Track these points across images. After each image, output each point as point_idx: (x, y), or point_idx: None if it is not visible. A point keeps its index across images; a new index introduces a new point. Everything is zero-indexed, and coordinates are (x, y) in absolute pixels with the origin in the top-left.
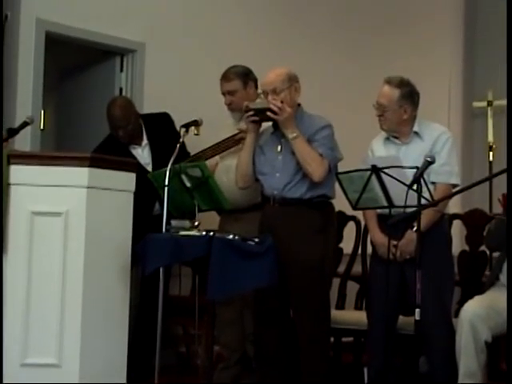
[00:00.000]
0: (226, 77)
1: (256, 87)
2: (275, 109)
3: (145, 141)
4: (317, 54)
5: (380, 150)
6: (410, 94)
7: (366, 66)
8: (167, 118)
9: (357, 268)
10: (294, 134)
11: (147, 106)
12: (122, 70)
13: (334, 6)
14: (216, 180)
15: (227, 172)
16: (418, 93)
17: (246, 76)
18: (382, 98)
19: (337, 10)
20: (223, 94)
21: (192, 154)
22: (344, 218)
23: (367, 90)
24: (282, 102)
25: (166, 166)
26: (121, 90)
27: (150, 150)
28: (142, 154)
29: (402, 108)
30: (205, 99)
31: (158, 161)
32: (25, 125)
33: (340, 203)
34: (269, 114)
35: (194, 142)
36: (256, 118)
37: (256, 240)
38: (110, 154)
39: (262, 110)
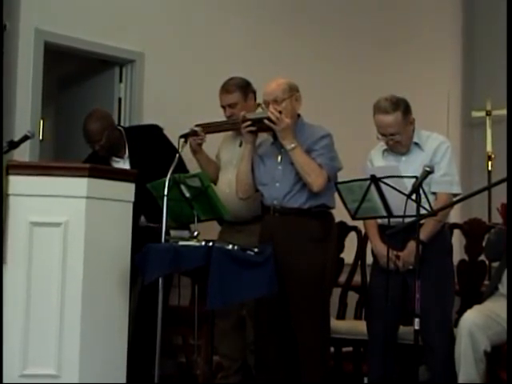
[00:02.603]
0: (226, 89)
1: (255, 99)
2: (273, 118)
3: (126, 153)
4: (316, 66)
5: (379, 160)
6: (407, 109)
7: (366, 78)
8: (154, 129)
9: (358, 278)
10: (293, 145)
11: (146, 117)
12: (121, 81)
13: (334, 19)
14: (218, 192)
15: (229, 185)
16: (405, 99)
17: (247, 88)
18: (390, 128)
19: (337, 23)
20: (223, 106)
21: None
22: (345, 228)
23: (367, 101)
24: (280, 112)
25: (146, 179)
26: (120, 100)
27: (129, 163)
28: (124, 166)
29: (408, 124)
30: (204, 110)
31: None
32: (25, 138)
33: (341, 213)
34: (267, 122)
35: (189, 154)
36: (253, 128)
37: (255, 250)
38: None
39: (259, 119)
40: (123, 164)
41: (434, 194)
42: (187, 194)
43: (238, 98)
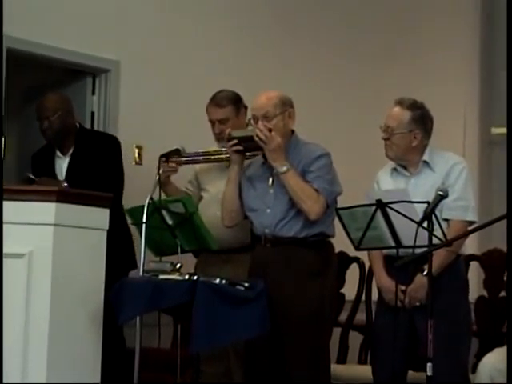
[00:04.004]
0: (216, 103)
1: (246, 115)
2: (262, 137)
3: (70, 151)
4: (313, 77)
5: (387, 182)
6: (422, 118)
7: (373, 93)
8: (111, 140)
9: (361, 316)
10: (284, 168)
11: (122, 133)
12: (93, 93)
13: (342, 32)
14: (207, 214)
15: (216, 219)
16: (432, 119)
17: (239, 102)
18: (391, 119)
19: (345, 37)
20: (211, 121)
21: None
22: (346, 260)
23: (372, 116)
24: (270, 129)
25: (78, 184)
26: (92, 114)
27: (68, 164)
28: (63, 165)
29: (412, 133)
30: (188, 126)
31: (72, 178)
32: None
33: (341, 242)
34: (256, 139)
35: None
36: (240, 148)
37: (246, 285)
38: (39, 165)
39: (246, 138)
40: (63, 162)
41: (446, 220)
42: (170, 222)
43: (230, 113)
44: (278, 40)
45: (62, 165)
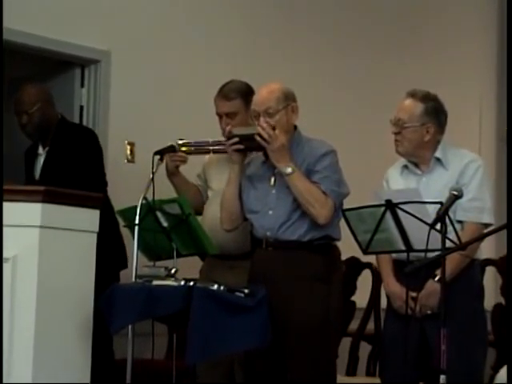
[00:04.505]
0: (224, 95)
1: None
2: (265, 135)
3: (48, 146)
4: (320, 70)
5: (397, 180)
6: (435, 111)
7: (389, 89)
8: (86, 135)
9: (372, 326)
10: (289, 169)
11: (113, 128)
12: (82, 85)
13: (352, 25)
14: (209, 217)
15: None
16: (446, 113)
17: (249, 95)
18: (402, 111)
19: (355, 30)
20: (219, 115)
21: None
22: (358, 266)
23: (388, 115)
24: (274, 127)
25: (55, 182)
26: (81, 108)
27: (43, 161)
28: (39, 165)
29: (425, 127)
30: (185, 121)
31: (46, 178)
32: None
33: (352, 247)
34: (258, 139)
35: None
36: (241, 147)
37: (246, 291)
38: (26, 162)
39: (248, 136)
40: (41, 159)
41: (459, 222)
42: (165, 224)
43: (239, 106)
44: (281, 30)
45: (41, 162)
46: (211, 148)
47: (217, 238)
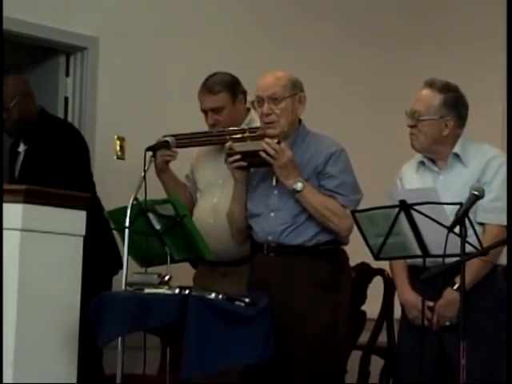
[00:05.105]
0: (209, 89)
1: (245, 102)
2: (271, 152)
3: (28, 142)
4: (339, 68)
5: (412, 178)
6: (455, 103)
7: (398, 79)
8: (65, 130)
9: (384, 338)
10: (300, 185)
11: (100, 121)
12: (67, 74)
13: (361, 14)
14: (200, 223)
15: (214, 212)
16: (467, 105)
17: (235, 87)
18: (419, 103)
19: (366, 19)
20: (204, 111)
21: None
22: (369, 272)
23: (399, 108)
24: (279, 141)
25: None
26: (66, 99)
27: (22, 159)
28: (19, 163)
29: (443, 120)
30: (176, 113)
31: (25, 177)
32: None
33: (362, 252)
34: (263, 155)
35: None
36: (243, 164)
37: (246, 300)
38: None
39: (251, 152)
40: (21, 156)
41: (480, 224)
42: (157, 226)
43: (225, 100)
44: (292, 21)
45: (20, 159)
46: (209, 139)
47: (212, 241)
